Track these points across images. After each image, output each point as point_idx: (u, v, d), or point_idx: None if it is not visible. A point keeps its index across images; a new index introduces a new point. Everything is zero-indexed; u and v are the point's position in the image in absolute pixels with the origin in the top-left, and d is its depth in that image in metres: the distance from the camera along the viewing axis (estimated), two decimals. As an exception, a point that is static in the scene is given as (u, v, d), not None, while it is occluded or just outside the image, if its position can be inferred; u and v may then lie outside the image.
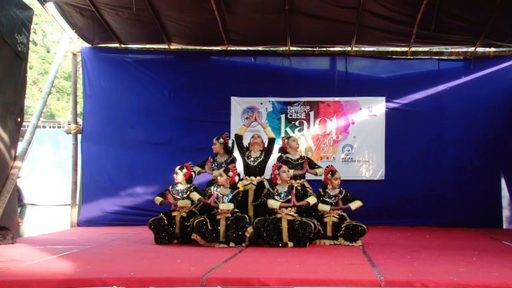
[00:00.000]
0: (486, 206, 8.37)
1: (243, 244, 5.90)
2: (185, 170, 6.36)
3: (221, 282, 3.92)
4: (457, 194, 8.36)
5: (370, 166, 8.59)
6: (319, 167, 6.64)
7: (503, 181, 8.46)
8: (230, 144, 6.86)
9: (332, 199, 6.26)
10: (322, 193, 6.34)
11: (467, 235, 7.26)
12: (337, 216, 6.20)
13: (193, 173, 6.55)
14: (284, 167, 6.11)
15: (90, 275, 4.14)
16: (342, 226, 6.11)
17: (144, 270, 4.32)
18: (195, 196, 6.12)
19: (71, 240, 6.66)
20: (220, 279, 3.98)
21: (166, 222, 6.16)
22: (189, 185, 6.38)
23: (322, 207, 6.21)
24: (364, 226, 6.08)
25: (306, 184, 6.63)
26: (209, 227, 5.87)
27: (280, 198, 6.00)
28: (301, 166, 6.56)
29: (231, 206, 6.00)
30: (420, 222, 8.25)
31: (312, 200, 6.04)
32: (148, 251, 5.63)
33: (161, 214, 6.25)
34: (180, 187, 6.35)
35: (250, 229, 5.91)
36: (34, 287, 3.95)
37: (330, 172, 6.35)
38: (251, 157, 6.47)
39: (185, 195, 6.28)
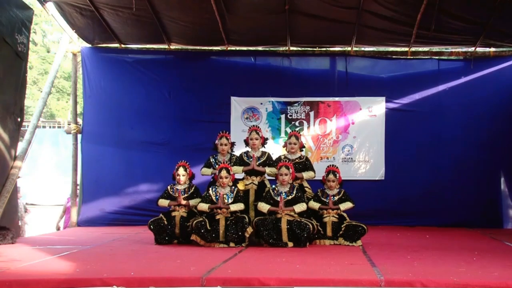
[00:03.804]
0: (486, 206, 8.37)
1: (243, 244, 5.90)
2: (188, 171, 6.35)
3: (221, 282, 3.92)
4: (457, 194, 8.36)
5: (370, 166, 8.59)
6: (311, 170, 6.55)
7: (503, 181, 8.47)
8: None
9: (330, 199, 6.26)
10: (320, 194, 6.34)
11: (467, 235, 7.26)
12: (337, 216, 6.19)
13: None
14: (282, 170, 6.08)
15: (90, 275, 4.14)
16: (342, 226, 6.11)
17: (144, 270, 4.32)
18: (205, 206, 6.03)
19: (71, 240, 6.66)
20: (220, 279, 3.98)
21: (165, 222, 6.15)
22: (189, 184, 6.38)
23: (312, 204, 6.23)
24: (364, 226, 6.08)
25: (305, 184, 6.60)
26: (208, 227, 5.87)
27: (284, 198, 5.98)
28: (299, 167, 6.54)
29: (242, 206, 6.02)
30: (420, 222, 8.24)
31: (299, 208, 5.95)
32: (148, 251, 5.63)
33: (161, 215, 6.23)
34: (180, 187, 6.35)
35: (249, 230, 5.90)
36: (34, 287, 3.95)
37: (326, 173, 6.38)
38: (251, 157, 6.46)
39: (186, 195, 6.27)
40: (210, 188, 6.17)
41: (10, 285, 3.93)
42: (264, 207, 6.00)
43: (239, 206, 6.01)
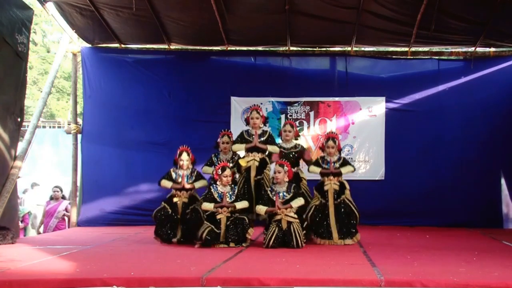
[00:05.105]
0: (486, 206, 8.37)
1: (244, 245, 5.89)
2: (190, 155, 6.38)
3: (221, 282, 3.92)
4: (457, 194, 8.36)
5: (370, 166, 8.59)
6: (311, 163, 6.54)
7: (503, 181, 8.46)
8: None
9: (331, 164, 6.28)
10: (321, 160, 6.36)
11: (467, 235, 7.26)
12: (338, 184, 6.23)
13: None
14: (276, 168, 6.02)
15: (90, 275, 4.14)
16: (337, 221, 6.12)
17: (144, 270, 4.32)
18: (209, 206, 5.96)
19: (71, 240, 6.66)
20: (220, 279, 3.98)
21: (169, 210, 6.17)
22: (192, 169, 6.40)
23: (313, 169, 6.30)
24: (356, 212, 6.15)
25: (302, 175, 6.56)
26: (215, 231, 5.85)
27: (279, 199, 5.94)
28: (294, 156, 6.49)
29: (246, 203, 6.02)
30: (420, 222, 8.23)
31: (296, 203, 5.91)
32: (148, 251, 5.63)
33: (163, 204, 6.25)
34: (183, 171, 6.34)
35: (251, 231, 5.93)
36: (34, 287, 3.95)
37: (325, 140, 6.43)
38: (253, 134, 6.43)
39: (190, 180, 6.30)
40: (212, 187, 6.15)
41: (10, 285, 3.94)
42: (261, 209, 5.96)
43: (244, 204, 6.00)
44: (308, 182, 6.73)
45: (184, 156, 6.33)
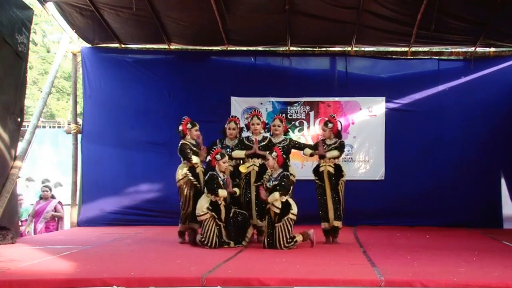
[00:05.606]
0: (486, 206, 8.37)
1: (243, 243, 5.89)
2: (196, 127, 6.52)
3: (221, 282, 3.93)
4: (457, 194, 8.36)
5: (370, 166, 8.59)
6: (303, 148, 6.58)
7: (503, 181, 8.46)
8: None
9: (322, 146, 6.35)
10: (320, 143, 6.43)
11: (467, 235, 7.27)
12: (333, 166, 6.29)
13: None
14: (267, 156, 6.05)
15: (90, 275, 4.15)
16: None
17: (144, 270, 4.32)
18: (225, 192, 5.95)
19: (71, 240, 6.67)
20: (220, 279, 3.99)
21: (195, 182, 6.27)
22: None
23: (306, 151, 6.46)
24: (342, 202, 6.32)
25: (291, 171, 6.47)
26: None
27: (271, 184, 5.92)
28: (283, 150, 6.44)
29: (237, 190, 6.15)
30: (420, 222, 8.24)
31: (270, 198, 5.80)
32: (148, 251, 5.64)
33: (192, 182, 6.25)
34: (193, 141, 6.44)
35: (250, 230, 5.95)
36: (34, 287, 3.95)
37: (323, 123, 6.54)
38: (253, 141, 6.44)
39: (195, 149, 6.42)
40: (215, 175, 6.06)
41: (10, 285, 3.94)
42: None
43: (238, 191, 6.14)
44: (298, 182, 6.59)
45: (197, 127, 6.50)
